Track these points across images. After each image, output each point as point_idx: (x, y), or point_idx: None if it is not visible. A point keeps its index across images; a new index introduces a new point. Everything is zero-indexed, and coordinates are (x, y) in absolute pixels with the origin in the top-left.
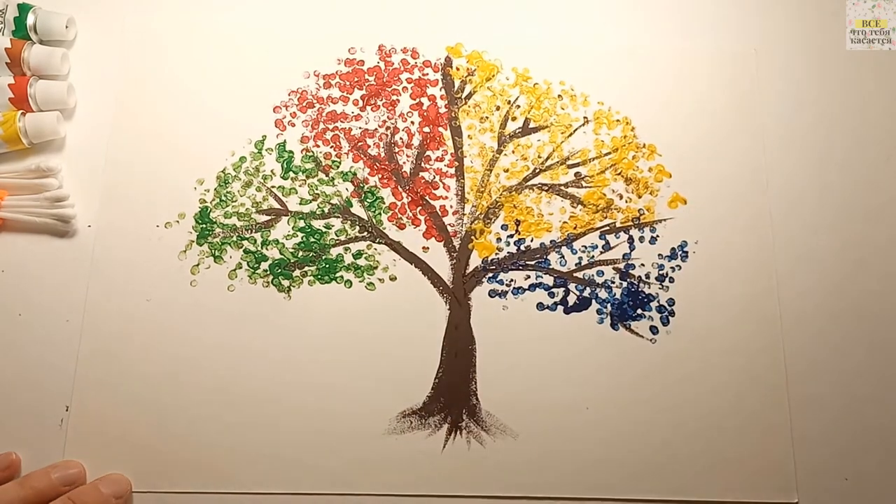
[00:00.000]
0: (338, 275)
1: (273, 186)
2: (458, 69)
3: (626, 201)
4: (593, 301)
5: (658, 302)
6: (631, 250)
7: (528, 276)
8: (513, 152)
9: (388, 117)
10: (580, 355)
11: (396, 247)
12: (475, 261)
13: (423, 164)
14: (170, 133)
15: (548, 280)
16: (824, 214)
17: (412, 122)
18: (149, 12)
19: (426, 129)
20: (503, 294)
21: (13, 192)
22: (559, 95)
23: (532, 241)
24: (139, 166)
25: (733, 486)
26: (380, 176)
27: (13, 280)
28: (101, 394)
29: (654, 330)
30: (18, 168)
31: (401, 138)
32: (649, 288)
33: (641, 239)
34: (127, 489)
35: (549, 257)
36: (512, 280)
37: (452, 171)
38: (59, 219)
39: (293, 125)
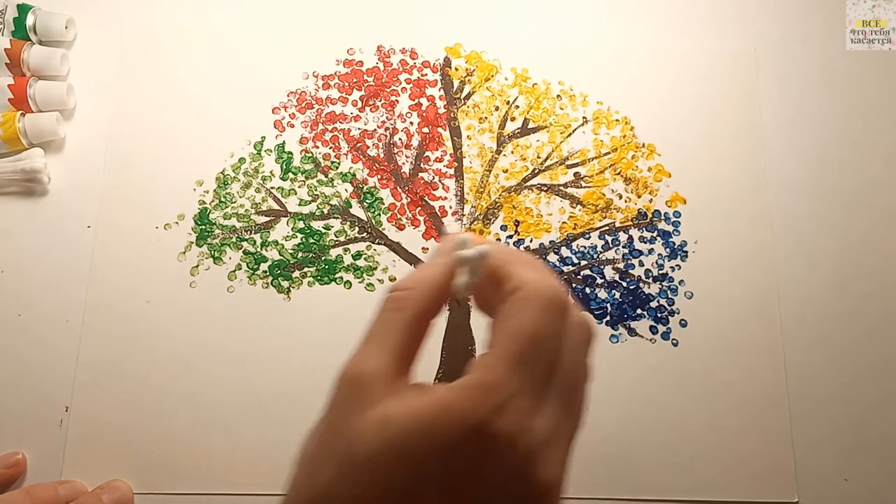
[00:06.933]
0: (337, 276)
1: (272, 187)
2: (456, 69)
3: (626, 201)
4: (592, 302)
5: (657, 302)
6: (630, 250)
7: None
8: (512, 153)
9: (387, 118)
10: None
11: (396, 247)
12: None
13: (422, 165)
14: (169, 134)
15: None
16: (824, 214)
17: (411, 123)
18: (148, 12)
19: (425, 130)
20: None
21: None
22: (558, 95)
23: (531, 241)
24: (139, 167)
25: (733, 486)
26: (379, 177)
27: (12, 280)
28: (100, 394)
29: (653, 330)
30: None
31: (400, 139)
32: (649, 288)
33: (641, 238)
34: (128, 495)
35: (548, 258)
36: None
37: (452, 171)
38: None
39: (292, 126)
